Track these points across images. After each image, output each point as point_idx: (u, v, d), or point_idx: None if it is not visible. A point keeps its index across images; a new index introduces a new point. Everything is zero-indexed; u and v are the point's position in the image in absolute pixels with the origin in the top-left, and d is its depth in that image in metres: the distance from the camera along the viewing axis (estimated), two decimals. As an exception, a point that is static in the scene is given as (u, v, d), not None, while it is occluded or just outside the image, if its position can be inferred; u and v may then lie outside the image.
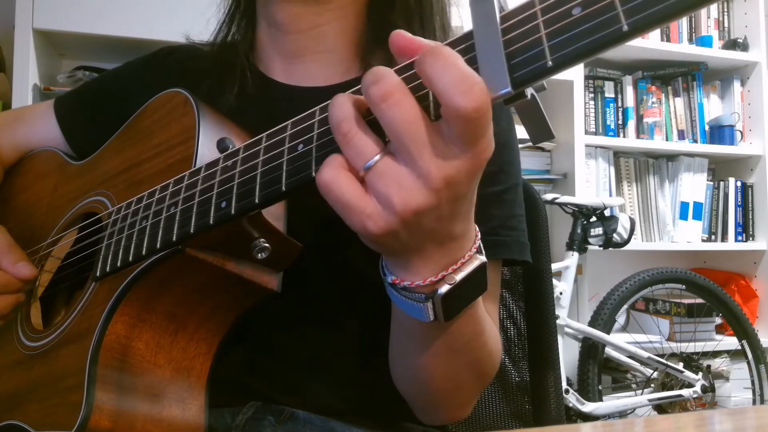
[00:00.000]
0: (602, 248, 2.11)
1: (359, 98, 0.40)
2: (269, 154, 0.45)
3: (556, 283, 1.99)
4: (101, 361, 0.50)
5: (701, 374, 2.17)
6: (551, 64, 0.35)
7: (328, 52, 0.70)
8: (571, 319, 2.07)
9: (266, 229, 0.50)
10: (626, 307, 2.19)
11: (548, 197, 2.06)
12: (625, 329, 2.43)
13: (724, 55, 2.57)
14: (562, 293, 2.04)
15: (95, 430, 0.48)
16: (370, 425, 0.63)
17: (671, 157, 2.57)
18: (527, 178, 1.45)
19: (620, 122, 2.52)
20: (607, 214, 2.11)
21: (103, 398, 0.49)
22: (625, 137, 2.50)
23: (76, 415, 0.48)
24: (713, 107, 2.67)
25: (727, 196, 2.59)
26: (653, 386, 2.18)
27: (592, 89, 2.47)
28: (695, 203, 2.54)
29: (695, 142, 2.60)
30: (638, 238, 2.46)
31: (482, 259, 0.45)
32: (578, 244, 2.09)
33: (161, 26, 1.72)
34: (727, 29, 2.73)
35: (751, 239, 2.61)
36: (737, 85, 2.65)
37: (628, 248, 2.16)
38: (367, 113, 0.40)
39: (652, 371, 2.17)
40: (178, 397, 0.54)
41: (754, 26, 2.62)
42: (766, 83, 2.58)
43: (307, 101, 0.48)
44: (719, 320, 2.45)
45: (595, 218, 2.11)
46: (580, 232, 2.10)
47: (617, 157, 2.49)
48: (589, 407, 2.00)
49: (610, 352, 2.11)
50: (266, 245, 0.49)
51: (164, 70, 0.78)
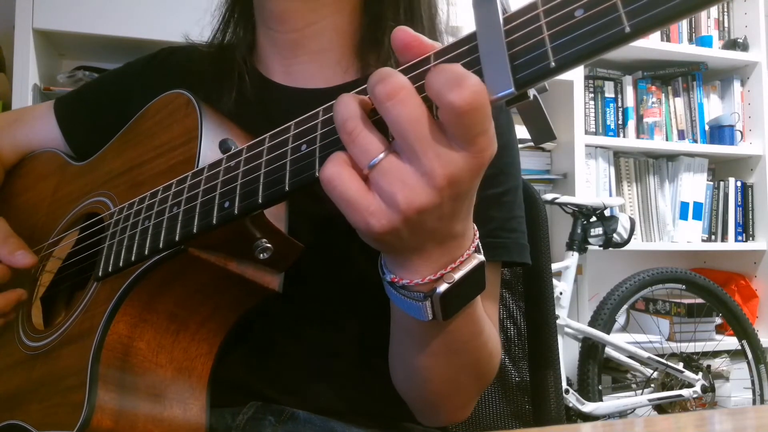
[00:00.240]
0: (602, 248, 2.11)
1: (364, 98, 0.41)
2: (273, 154, 0.45)
3: (556, 283, 1.99)
4: (103, 360, 0.50)
5: (701, 374, 2.17)
6: (554, 65, 0.35)
7: (325, 50, 0.71)
8: (571, 319, 2.07)
9: (268, 229, 0.50)
10: (626, 307, 2.19)
11: (548, 197, 2.07)
12: (625, 329, 2.43)
13: (724, 55, 2.57)
14: (562, 293, 2.04)
15: (97, 429, 0.48)
16: (370, 425, 0.63)
17: (671, 157, 2.58)
18: (527, 178, 1.45)
19: (620, 122, 2.52)
20: (607, 214, 2.11)
21: (104, 398, 0.49)
22: (625, 137, 2.50)
23: (77, 414, 0.48)
24: (713, 107, 2.67)
25: (727, 196, 2.59)
26: (653, 386, 2.18)
27: (592, 89, 2.47)
28: (695, 203, 2.55)
29: (695, 142, 2.60)
30: (638, 238, 2.46)
31: (480, 258, 0.45)
32: (578, 244, 2.09)
33: (161, 26, 1.72)
34: (727, 29, 2.73)
35: (751, 239, 2.62)
36: (737, 85, 2.65)
37: (628, 248, 2.16)
38: (371, 113, 0.40)
39: (652, 371, 2.17)
40: (179, 397, 0.54)
41: (754, 26, 2.62)
42: (766, 83, 2.58)
43: (307, 103, 0.48)
44: (719, 320, 2.45)
45: (595, 218, 2.11)
46: (580, 232, 2.10)
47: (617, 157, 2.50)
48: (589, 407, 2.00)
49: (610, 352, 2.11)
50: (268, 245, 0.49)
51: (165, 70, 0.78)
